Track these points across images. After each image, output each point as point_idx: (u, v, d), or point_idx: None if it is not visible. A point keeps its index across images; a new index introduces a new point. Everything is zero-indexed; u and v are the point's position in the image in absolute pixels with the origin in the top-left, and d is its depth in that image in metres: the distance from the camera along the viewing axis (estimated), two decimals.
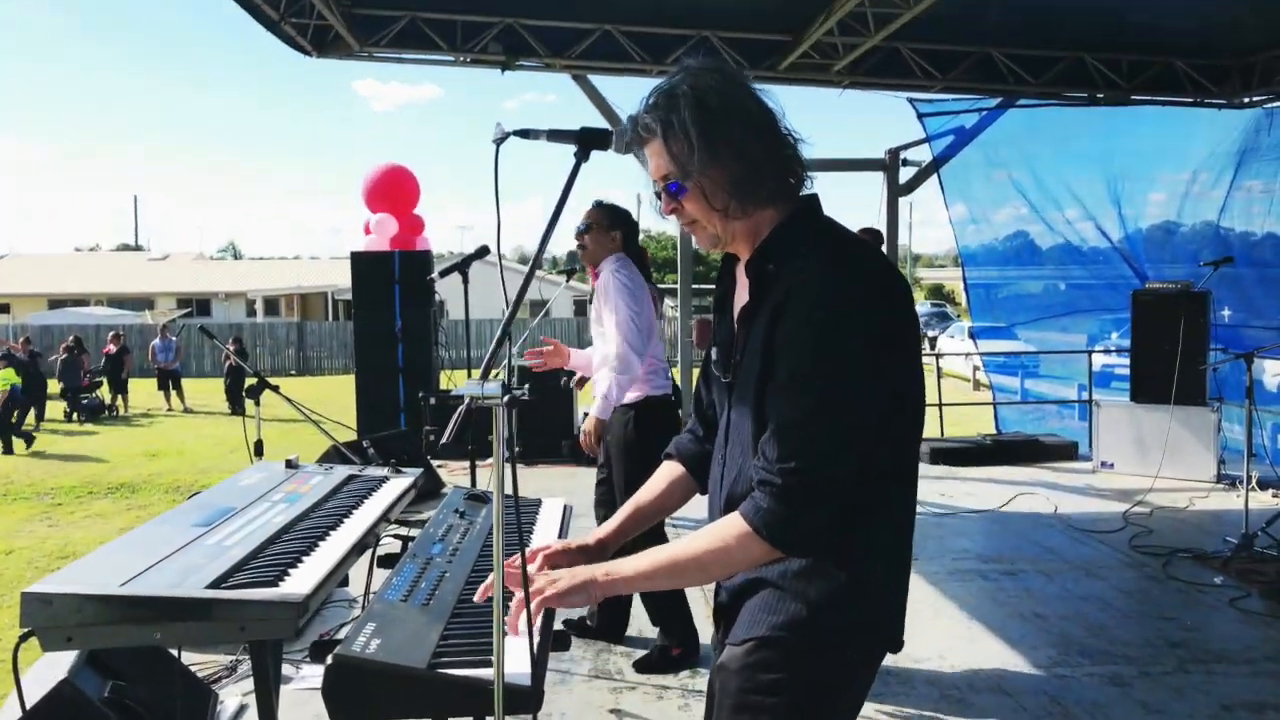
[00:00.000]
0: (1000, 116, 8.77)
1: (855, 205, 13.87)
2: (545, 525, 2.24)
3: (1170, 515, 6.04)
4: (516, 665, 1.44)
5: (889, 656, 1.52)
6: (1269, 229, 8.44)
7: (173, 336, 19.37)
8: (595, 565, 1.54)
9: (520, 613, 1.47)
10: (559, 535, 2.15)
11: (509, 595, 1.52)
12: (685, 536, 1.50)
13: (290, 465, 2.65)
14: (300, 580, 1.77)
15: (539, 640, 1.49)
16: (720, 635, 1.57)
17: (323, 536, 2.05)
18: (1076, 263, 9.39)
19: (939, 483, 7.09)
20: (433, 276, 4.58)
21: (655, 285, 3.87)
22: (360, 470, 2.73)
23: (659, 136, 1.46)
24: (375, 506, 2.37)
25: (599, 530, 1.73)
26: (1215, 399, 6.93)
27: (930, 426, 8.75)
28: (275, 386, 4.51)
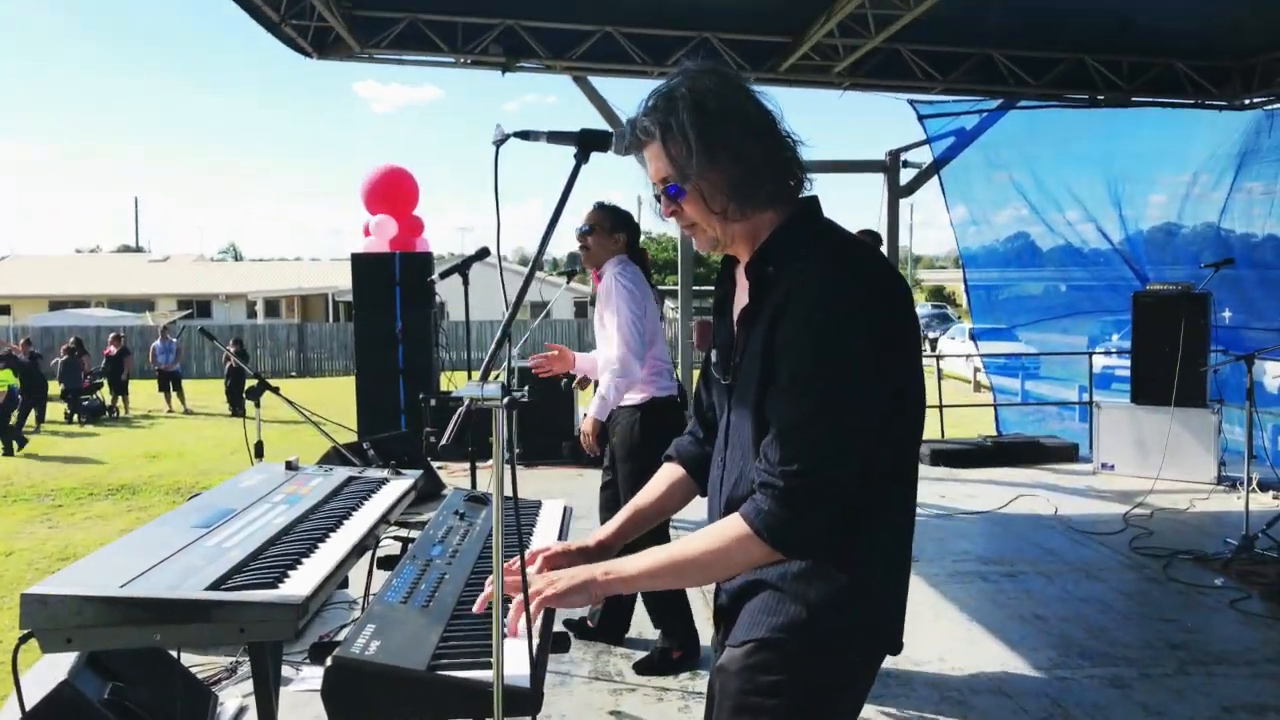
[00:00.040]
0: (1001, 118, 8.77)
1: (855, 207, 13.90)
2: (545, 527, 2.24)
3: (1171, 517, 6.04)
4: (516, 667, 1.44)
5: (889, 658, 1.52)
6: (1270, 231, 8.45)
7: (173, 338, 19.38)
8: (595, 565, 1.54)
9: (520, 614, 1.47)
10: (559, 537, 2.14)
11: (509, 597, 1.52)
12: (686, 537, 1.50)
13: (290, 467, 2.64)
14: (300, 582, 1.77)
15: (538, 642, 1.49)
16: (720, 637, 1.57)
17: (323, 538, 2.05)
18: (1077, 264, 9.39)
19: (939, 484, 7.08)
20: (433, 278, 4.58)
21: (656, 287, 3.86)
22: (360, 472, 2.73)
23: (658, 139, 1.46)
24: (375, 508, 2.37)
25: (599, 532, 1.73)
26: (1216, 401, 6.93)
27: (931, 428, 8.76)
28: (275, 388, 4.51)
